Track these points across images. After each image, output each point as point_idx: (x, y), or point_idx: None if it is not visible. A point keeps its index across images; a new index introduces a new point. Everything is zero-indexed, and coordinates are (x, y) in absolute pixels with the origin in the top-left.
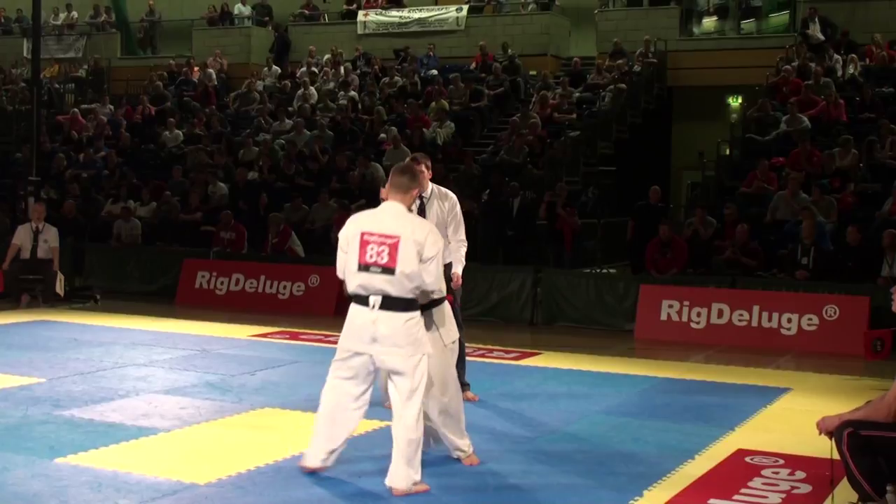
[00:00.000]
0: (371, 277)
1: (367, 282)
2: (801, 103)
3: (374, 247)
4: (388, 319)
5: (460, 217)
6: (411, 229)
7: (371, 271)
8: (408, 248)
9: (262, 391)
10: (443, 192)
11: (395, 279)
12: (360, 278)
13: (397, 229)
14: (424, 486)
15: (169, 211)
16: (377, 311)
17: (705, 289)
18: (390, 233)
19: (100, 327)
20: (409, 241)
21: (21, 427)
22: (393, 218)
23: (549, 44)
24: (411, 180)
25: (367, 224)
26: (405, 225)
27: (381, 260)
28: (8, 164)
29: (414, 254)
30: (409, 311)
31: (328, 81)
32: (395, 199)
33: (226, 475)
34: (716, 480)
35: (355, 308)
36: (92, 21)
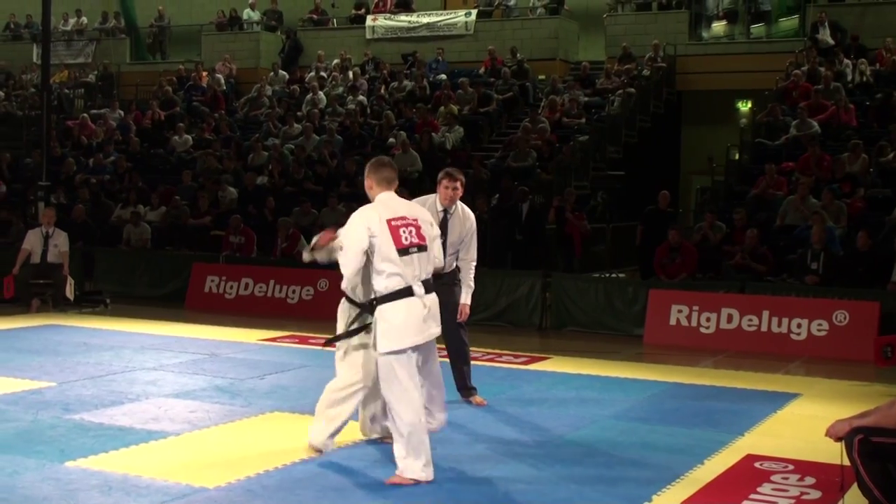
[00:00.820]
0: (411, 260)
1: (408, 267)
2: (810, 108)
3: (405, 230)
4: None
5: (475, 238)
6: (420, 212)
7: (411, 252)
8: (426, 228)
9: (271, 395)
10: (466, 211)
11: (428, 256)
12: (402, 264)
13: (411, 213)
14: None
15: (178, 215)
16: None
17: (715, 294)
18: (409, 216)
19: (109, 331)
20: (426, 222)
21: (31, 431)
22: (401, 204)
23: (557, 48)
24: (393, 171)
25: (385, 212)
26: (414, 209)
27: (415, 240)
28: (18, 169)
29: (431, 229)
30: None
31: (337, 86)
32: (387, 190)
33: (235, 479)
34: (725, 485)
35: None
36: (101, 26)
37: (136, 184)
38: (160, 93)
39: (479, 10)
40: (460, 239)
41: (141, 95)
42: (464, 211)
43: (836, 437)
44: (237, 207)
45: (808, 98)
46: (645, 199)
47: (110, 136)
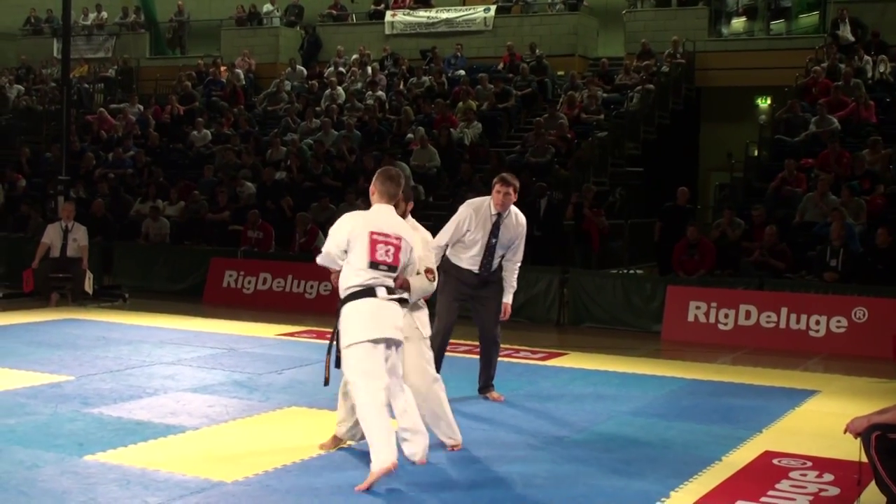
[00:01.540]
0: (378, 274)
1: (375, 277)
2: (830, 104)
3: (383, 247)
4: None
5: (524, 242)
6: (408, 234)
7: (380, 269)
8: (406, 251)
9: (289, 390)
10: (519, 217)
11: (394, 276)
12: (369, 274)
13: (399, 232)
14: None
15: (197, 210)
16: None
17: (733, 290)
18: (394, 234)
19: (128, 326)
20: (408, 245)
21: (50, 424)
22: (392, 222)
23: (576, 44)
24: (397, 188)
25: (371, 224)
26: (402, 228)
27: (388, 259)
28: (38, 164)
29: (409, 254)
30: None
31: (356, 81)
32: (385, 203)
33: (253, 473)
34: (743, 482)
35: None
36: (121, 21)
37: (156, 178)
38: (179, 88)
39: (498, 6)
40: (510, 242)
41: (160, 90)
42: (517, 217)
43: (855, 434)
44: (255, 202)
45: (828, 94)
46: (663, 195)
47: (129, 130)
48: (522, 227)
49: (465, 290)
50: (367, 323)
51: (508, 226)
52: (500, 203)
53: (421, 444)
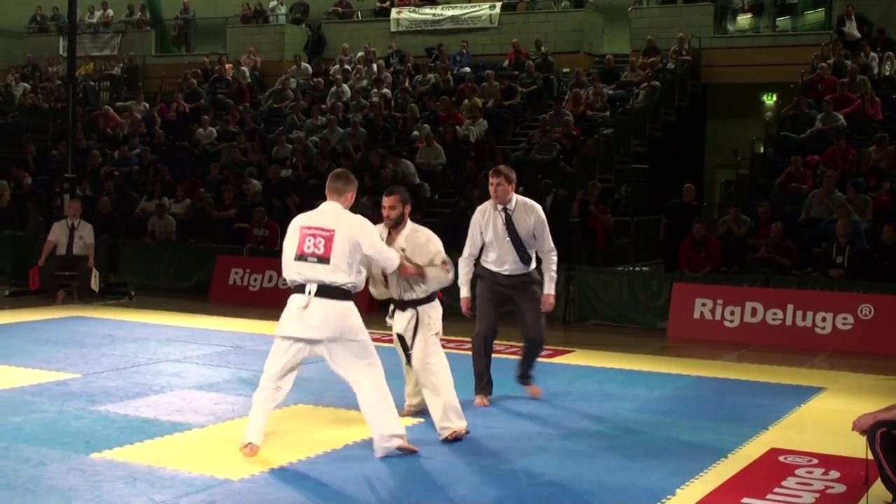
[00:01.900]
0: (310, 266)
1: (304, 270)
2: (836, 101)
3: (311, 239)
4: (322, 306)
5: (545, 229)
6: (346, 226)
7: (308, 260)
8: (341, 242)
9: (294, 387)
10: (528, 204)
11: (329, 268)
12: (297, 267)
13: (332, 225)
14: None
15: (203, 208)
16: (312, 297)
17: (739, 287)
18: (326, 227)
19: (134, 323)
20: (343, 235)
21: (57, 422)
22: (328, 216)
23: (582, 41)
24: (346, 184)
25: (306, 220)
26: (339, 221)
27: (317, 251)
28: (44, 161)
29: (348, 248)
30: (344, 300)
31: (361, 79)
32: (332, 200)
33: (259, 471)
34: (749, 479)
35: (293, 296)
36: (127, 19)
37: (162, 176)
38: (185, 85)
39: (504, 3)
40: (530, 233)
41: (166, 88)
42: (525, 204)
43: (862, 431)
44: (261, 200)
45: (834, 91)
46: (669, 192)
47: (135, 128)
48: (536, 215)
49: (501, 291)
50: (286, 320)
51: (520, 219)
52: (495, 194)
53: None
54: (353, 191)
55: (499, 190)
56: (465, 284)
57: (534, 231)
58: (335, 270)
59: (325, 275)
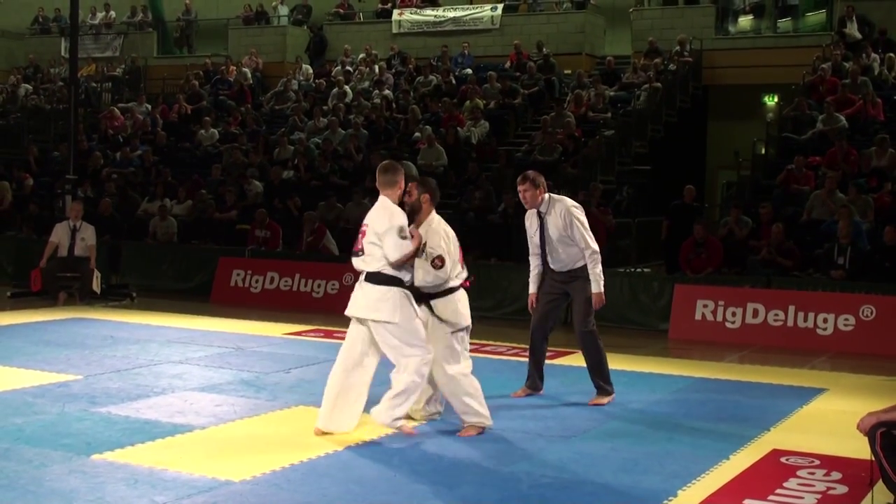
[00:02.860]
0: (356, 259)
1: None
2: (837, 102)
3: (359, 235)
4: (360, 289)
5: (579, 225)
6: (374, 217)
7: (357, 255)
8: (369, 234)
9: (296, 389)
10: (560, 209)
11: (362, 259)
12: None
13: (368, 219)
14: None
15: (204, 209)
16: (361, 282)
17: (740, 288)
18: (366, 221)
19: (136, 325)
20: (371, 227)
21: (58, 423)
22: (372, 210)
23: (584, 42)
24: (393, 174)
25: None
26: (372, 214)
27: (358, 245)
28: (46, 163)
29: (373, 238)
30: (381, 284)
31: (363, 80)
32: (382, 194)
33: (260, 472)
34: (751, 481)
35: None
36: (129, 20)
37: (163, 178)
38: (187, 87)
39: (505, 5)
40: (562, 233)
41: (168, 89)
42: (559, 208)
43: (865, 431)
44: (263, 201)
45: (835, 92)
46: (671, 193)
47: (137, 129)
48: (570, 215)
49: (556, 287)
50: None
51: (553, 221)
52: (524, 200)
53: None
54: (401, 179)
55: (526, 196)
56: (533, 281)
57: (567, 231)
58: (366, 260)
59: (361, 265)
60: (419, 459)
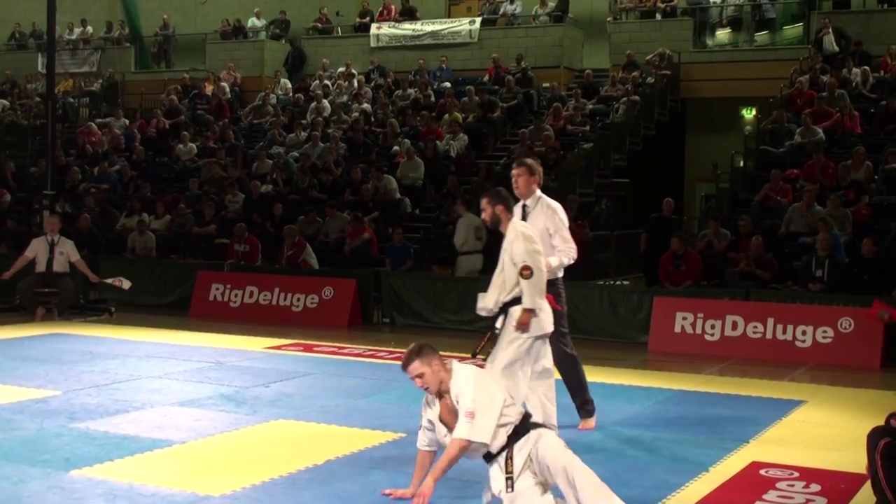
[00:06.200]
0: None
1: None
2: (815, 115)
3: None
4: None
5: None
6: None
7: None
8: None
9: (276, 403)
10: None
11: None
12: None
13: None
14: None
15: (183, 224)
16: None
17: (719, 301)
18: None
19: (114, 340)
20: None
21: (36, 440)
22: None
23: (562, 56)
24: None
25: None
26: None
27: None
28: (23, 178)
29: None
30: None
31: (341, 94)
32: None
33: (240, 487)
34: (730, 493)
35: None
36: (106, 35)
37: (142, 192)
38: (165, 101)
39: (483, 19)
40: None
41: (145, 104)
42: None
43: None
44: (242, 216)
45: (813, 105)
46: (649, 206)
47: (115, 144)
48: (553, 211)
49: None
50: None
51: (535, 219)
52: (516, 186)
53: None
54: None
55: (519, 181)
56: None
57: (548, 231)
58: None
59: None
60: (400, 473)
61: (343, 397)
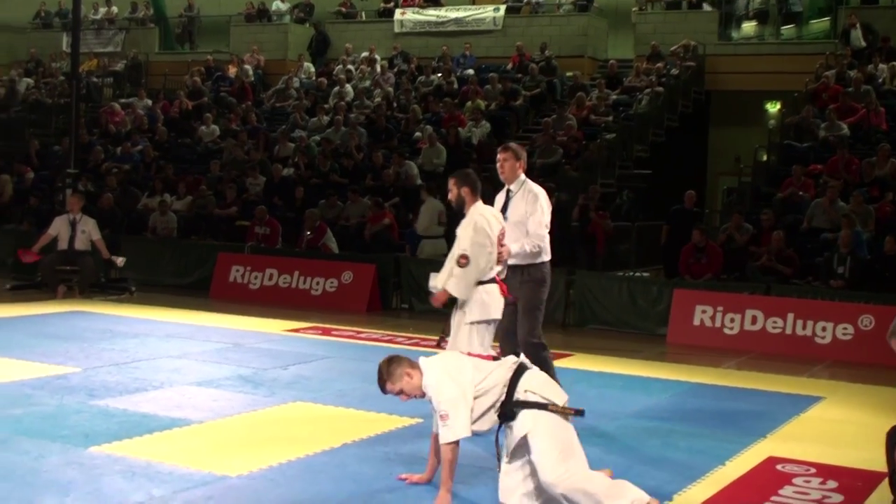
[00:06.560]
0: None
1: None
2: (840, 110)
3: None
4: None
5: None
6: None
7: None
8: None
9: (294, 385)
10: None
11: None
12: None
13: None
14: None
15: (204, 205)
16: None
17: (739, 295)
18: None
19: (135, 319)
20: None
21: (56, 415)
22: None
23: (586, 45)
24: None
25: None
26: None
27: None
28: (47, 157)
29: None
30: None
31: (364, 79)
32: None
33: (257, 468)
34: (746, 487)
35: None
36: (131, 16)
37: (164, 173)
38: (188, 83)
39: (508, 6)
40: (522, 217)
41: (169, 85)
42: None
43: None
44: (263, 198)
45: (838, 100)
46: (671, 198)
47: (138, 124)
48: (535, 196)
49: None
50: None
51: (516, 203)
52: (501, 171)
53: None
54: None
55: (505, 166)
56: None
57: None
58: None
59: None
60: (415, 458)
61: (360, 381)
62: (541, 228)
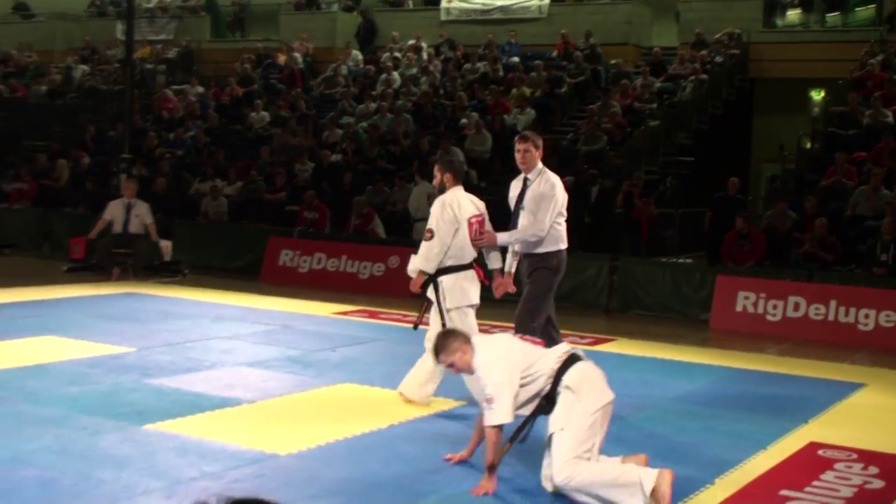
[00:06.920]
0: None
1: None
2: (885, 98)
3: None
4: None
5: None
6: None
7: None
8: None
9: (342, 367)
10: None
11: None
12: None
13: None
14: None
15: (255, 190)
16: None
17: (782, 281)
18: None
19: (187, 301)
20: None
21: (112, 394)
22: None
23: (630, 33)
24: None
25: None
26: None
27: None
28: (102, 142)
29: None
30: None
31: (411, 67)
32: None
33: (306, 447)
34: (787, 472)
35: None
36: (183, 4)
37: (215, 158)
38: (239, 70)
39: None
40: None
41: (220, 72)
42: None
43: None
44: (311, 184)
45: (883, 88)
46: (714, 185)
47: (190, 111)
48: (551, 187)
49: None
50: None
51: (533, 191)
52: (522, 161)
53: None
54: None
55: (526, 157)
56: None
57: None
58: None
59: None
60: (461, 439)
61: (407, 364)
62: (546, 218)
